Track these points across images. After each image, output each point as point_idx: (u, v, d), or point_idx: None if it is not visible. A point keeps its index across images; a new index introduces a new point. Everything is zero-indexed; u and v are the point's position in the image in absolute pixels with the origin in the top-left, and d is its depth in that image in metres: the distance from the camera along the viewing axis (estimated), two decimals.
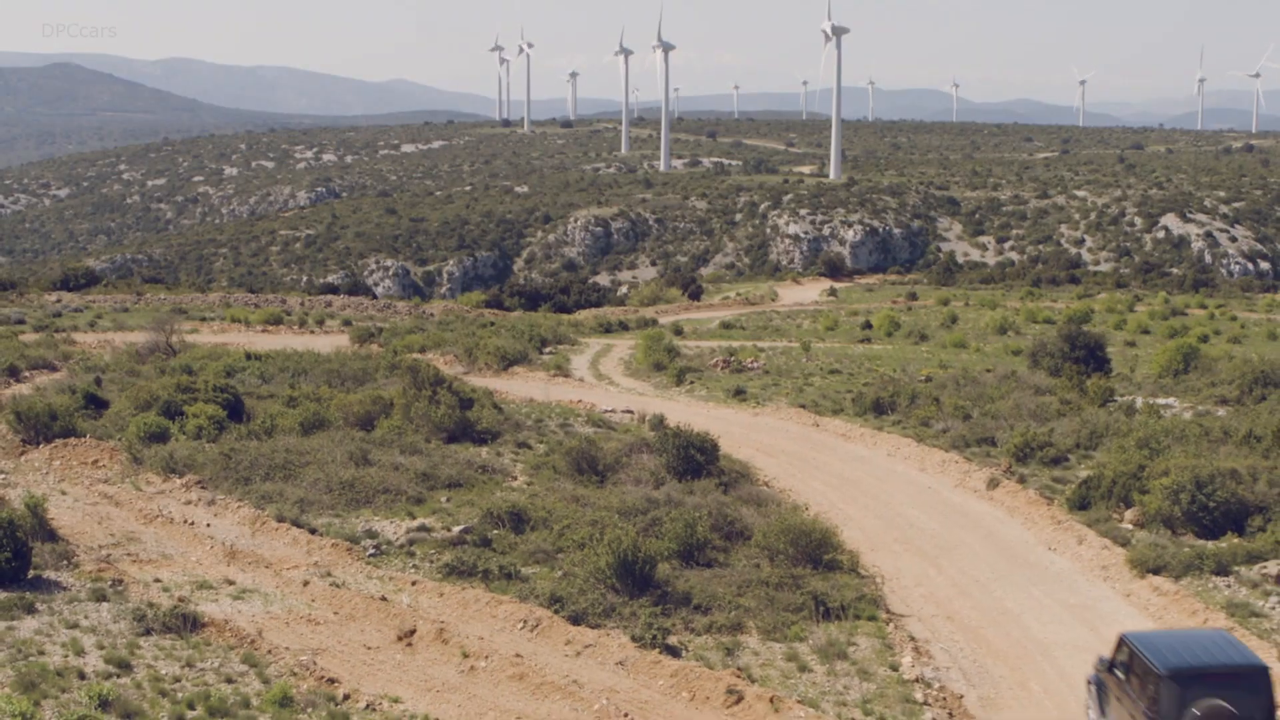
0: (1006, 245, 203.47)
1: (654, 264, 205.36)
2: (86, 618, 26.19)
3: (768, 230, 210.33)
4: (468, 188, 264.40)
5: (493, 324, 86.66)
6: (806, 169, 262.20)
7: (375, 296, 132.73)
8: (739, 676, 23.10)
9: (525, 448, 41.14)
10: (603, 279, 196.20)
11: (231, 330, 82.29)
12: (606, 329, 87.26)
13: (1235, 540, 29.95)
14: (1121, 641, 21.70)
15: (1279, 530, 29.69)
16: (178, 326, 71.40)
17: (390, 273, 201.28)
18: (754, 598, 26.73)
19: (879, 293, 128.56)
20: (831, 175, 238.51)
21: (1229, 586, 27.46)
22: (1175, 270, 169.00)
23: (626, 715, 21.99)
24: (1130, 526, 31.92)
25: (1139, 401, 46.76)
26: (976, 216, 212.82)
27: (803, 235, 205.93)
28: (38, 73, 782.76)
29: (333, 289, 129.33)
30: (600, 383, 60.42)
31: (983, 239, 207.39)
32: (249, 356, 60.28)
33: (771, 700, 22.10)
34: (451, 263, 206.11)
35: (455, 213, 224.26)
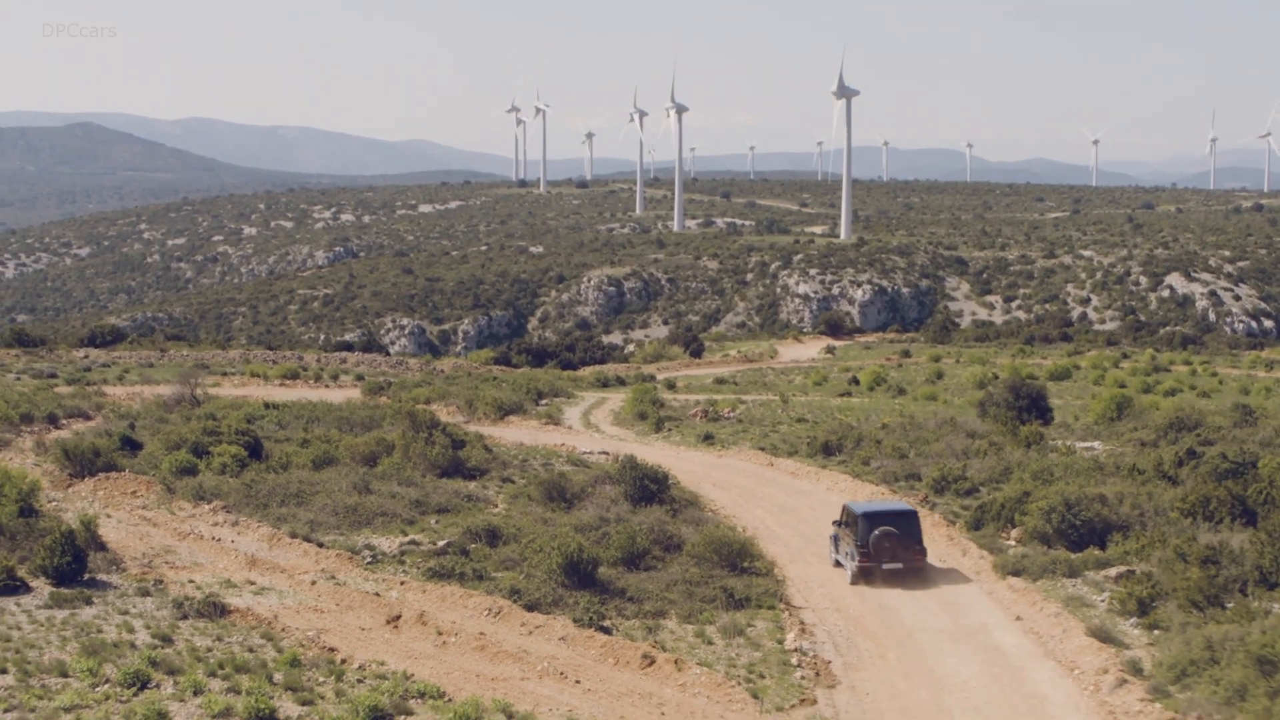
0: (1014, 304, 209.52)
1: (666, 323, 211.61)
2: (134, 607, 32.70)
3: (778, 290, 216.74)
4: (483, 247, 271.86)
5: (496, 379, 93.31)
6: (818, 229, 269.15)
7: (389, 354, 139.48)
8: (654, 647, 29.54)
9: (509, 482, 47.74)
10: (615, 338, 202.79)
11: (251, 384, 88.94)
12: (604, 384, 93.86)
13: (1095, 551, 36.23)
14: (844, 507, 38.36)
15: (1128, 544, 35.98)
16: (201, 380, 78.21)
17: (406, 331, 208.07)
18: (677, 592, 33.26)
19: (876, 350, 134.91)
20: (842, 235, 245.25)
21: (1073, 585, 33.79)
22: (1178, 329, 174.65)
23: (562, 674, 28.41)
24: (1013, 543, 38.28)
25: (1060, 444, 53.05)
26: (984, 276, 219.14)
27: (812, 295, 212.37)
28: (59, 132, 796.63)
29: (348, 346, 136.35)
30: (588, 430, 67.03)
31: (990, 298, 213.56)
32: (267, 406, 67.18)
33: (676, 663, 28.54)
34: (467, 322, 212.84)
35: (471, 272, 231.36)
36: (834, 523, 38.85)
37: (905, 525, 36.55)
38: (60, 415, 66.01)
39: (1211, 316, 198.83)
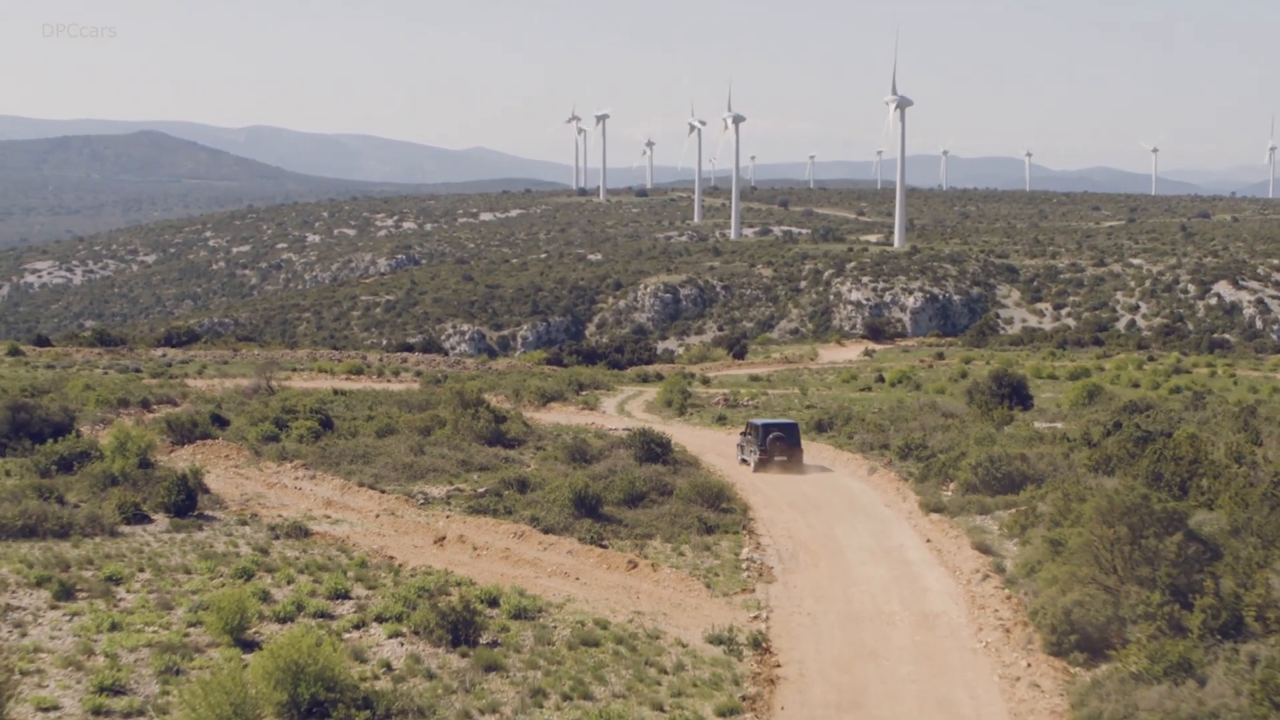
0: (1063, 312, 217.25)
1: (721, 329, 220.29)
2: (237, 531, 42.61)
3: (831, 297, 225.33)
4: (543, 255, 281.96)
5: (545, 375, 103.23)
6: (873, 237, 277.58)
7: (447, 354, 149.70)
8: (638, 557, 39.12)
9: (541, 449, 57.55)
10: (671, 343, 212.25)
11: (319, 379, 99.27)
12: (644, 380, 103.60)
13: (1009, 496, 45.46)
14: (748, 423, 57.35)
15: (1035, 492, 45.17)
16: (275, 372, 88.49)
17: (466, 337, 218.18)
18: (664, 521, 42.90)
19: (913, 354, 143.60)
20: (896, 244, 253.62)
21: (981, 519, 43.13)
22: (1209, 334, 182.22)
23: (566, 574, 38.04)
24: (950, 492, 47.58)
25: (1021, 422, 62.22)
26: (1035, 284, 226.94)
27: (864, 302, 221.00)
28: (125, 140, 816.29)
29: (409, 348, 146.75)
30: (620, 415, 76.74)
31: (1040, 305, 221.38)
32: (336, 393, 77.35)
33: (653, 566, 38.16)
34: (525, 327, 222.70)
35: (530, 279, 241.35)
36: (740, 434, 58.60)
37: (789, 432, 55.76)
38: (151, 401, 76.26)
39: (1258, 324, 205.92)
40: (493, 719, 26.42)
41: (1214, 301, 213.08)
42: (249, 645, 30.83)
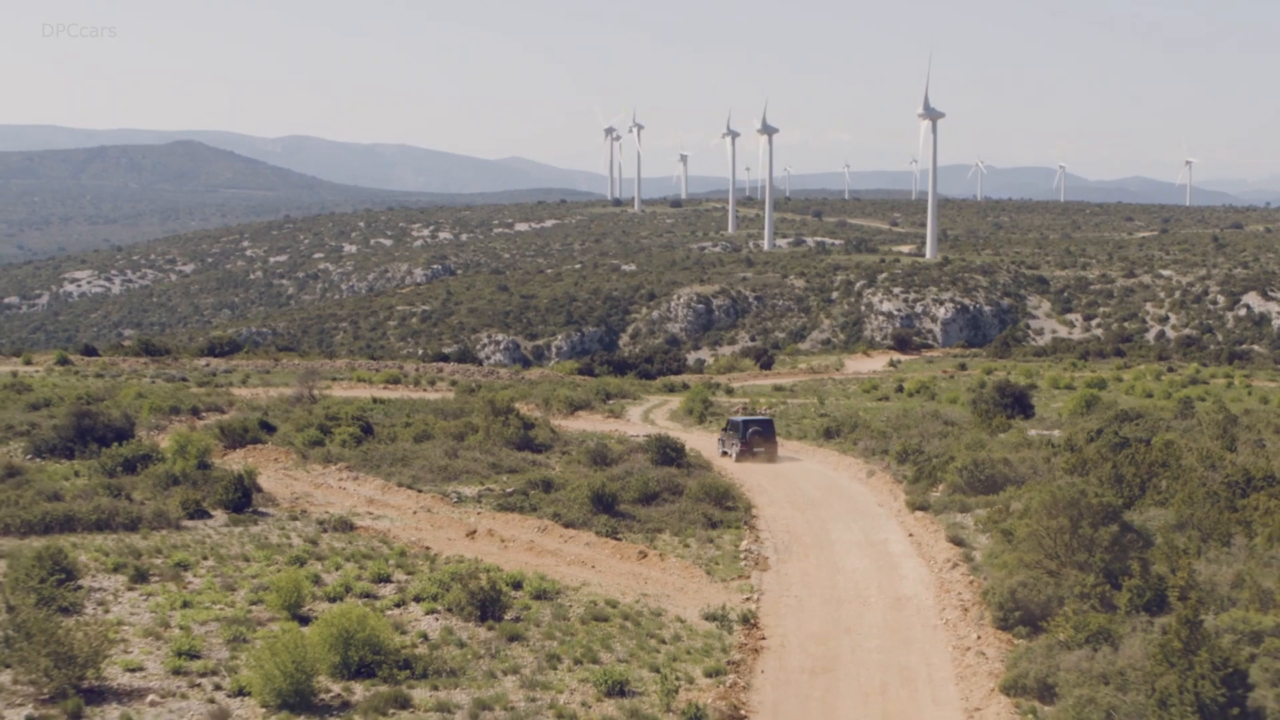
0: (1093, 323, 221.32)
1: (753, 340, 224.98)
2: (288, 525, 47.82)
3: (862, 308, 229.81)
4: (578, 266, 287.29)
5: (576, 384, 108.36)
6: (906, 248, 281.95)
7: (482, 364, 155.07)
8: (648, 548, 44.17)
9: (566, 454, 62.66)
10: (703, 354, 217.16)
11: (358, 388, 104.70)
12: (670, 389, 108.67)
13: (990, 496, 50.28)
14: (729, 420, 67.63)
15: (1015, 492, 49.98)
16: (316, 381, 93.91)
17: (501, 346, 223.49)
18: (673, 518, 47.97)
19: (937, 364, 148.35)
20: (928, 254, 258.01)
21: (961, 516, 47.98)
22: (1236, 345, 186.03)
23: (583, 563, 43.10)
24: (938, 492, 52.45)
25: (1017, 429, 67.00)
26: (1065, 295, 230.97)
27: (895, 313, 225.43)
28: (161, 150, 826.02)
29: (444, 357, 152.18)
30: (644, 423, 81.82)
31: (1070, 316, 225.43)
32: (375, 401, 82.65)
33: (660, 556, 43.21)
34: (560, 337, 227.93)
35: (564, 290, 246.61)
36: (722, 429, 68.60)
37: (766, 426, 65.13)
38: (200, 408, 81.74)
39: None
40: (514, 679, 31.37)
41: (1243, 313, 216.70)
42: (304, 619, 35.86)
